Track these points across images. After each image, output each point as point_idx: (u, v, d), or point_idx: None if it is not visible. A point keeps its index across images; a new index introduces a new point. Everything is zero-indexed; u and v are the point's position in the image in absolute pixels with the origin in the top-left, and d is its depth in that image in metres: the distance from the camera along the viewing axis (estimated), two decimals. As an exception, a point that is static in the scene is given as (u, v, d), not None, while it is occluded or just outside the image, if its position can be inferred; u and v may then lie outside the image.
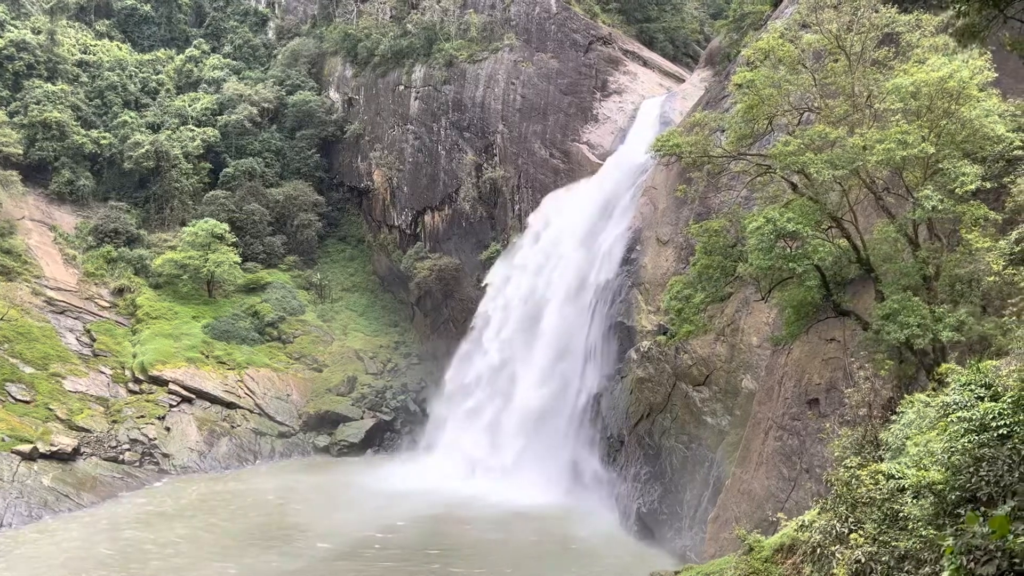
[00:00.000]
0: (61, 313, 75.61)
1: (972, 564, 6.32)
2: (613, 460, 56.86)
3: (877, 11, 29.79)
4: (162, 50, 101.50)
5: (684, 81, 78.15)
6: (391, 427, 78.50)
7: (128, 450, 65.88)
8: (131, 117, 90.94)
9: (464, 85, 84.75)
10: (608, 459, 57.54)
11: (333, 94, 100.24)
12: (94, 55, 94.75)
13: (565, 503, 57.59)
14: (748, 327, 45.63)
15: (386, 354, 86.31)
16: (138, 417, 68.71)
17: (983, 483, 12.46)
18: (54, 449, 60.81)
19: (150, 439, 67.40)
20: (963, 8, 13.27)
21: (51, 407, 65.19)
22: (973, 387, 15.92)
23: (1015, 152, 27.10)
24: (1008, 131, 26.48)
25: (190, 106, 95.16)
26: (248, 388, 76.01)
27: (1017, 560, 6.14)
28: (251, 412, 74.42)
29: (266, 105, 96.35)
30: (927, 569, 13.56)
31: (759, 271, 28.47)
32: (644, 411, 53.00)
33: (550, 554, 49.42)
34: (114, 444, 65.59)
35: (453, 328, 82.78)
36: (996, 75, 26.68)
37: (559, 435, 61.21)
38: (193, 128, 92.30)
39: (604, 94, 77.41)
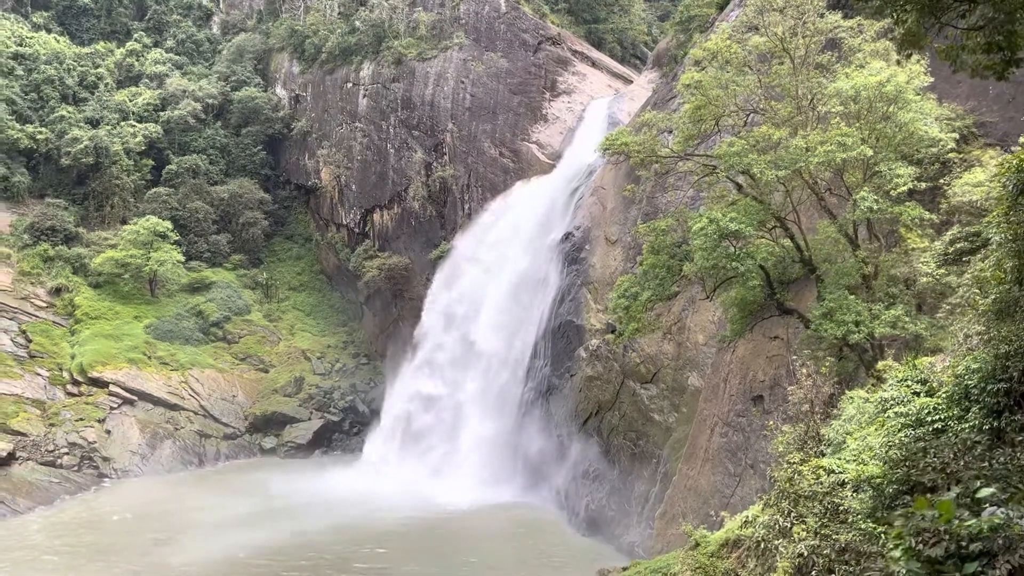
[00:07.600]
0: (-6, 313, 73.23)
1: (921, 545, 6.44)
2: (562, 458, 57.12)
3: (822, 15, 30.41)
4: (102, 43, 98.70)
5: (632, 82, 78.84)
6: (340, 428, 77.68)
7: (66, 454, 64.04)
8: (69, 112, 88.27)
9: (413, 83, 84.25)
10: (557, 457, 57.77)
11: (280, 91, 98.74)
12: (30, 48, 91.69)
13: (512, 502, 57.60)
14: (694, 325, 46.25)
15: (334, 354, 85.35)
16: (77, 420, 66.83)
17: (930, 469, 12.74)
18: (-13, 454, 58.98)
19: (89, 442, 65.58)
20: (902, 16, 13.51)
21: (-16, 411, 63.15)
22: (909, 383, 16.36)
23: (949, 154, 27.90)
24: (943, 134, 27.21)
25: (131, 101, 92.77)
26: (192, 389, 74.47)
27: (963, 543, 6.32)
28: (195, 414, 72.94)
29: (210, 101, 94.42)
30: (867, 560, 13.88)
31: (703, 270, 28.83)
32: (593, 409, 53.36)
33: (496, 552, 49.39)
34: (51, 448, 63.69)
35: (403, 327, 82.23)
36: (932, 80, 27.41)
37: (507, 434, 61.22)
38: (134, 124, 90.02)
39: (553, 94, 77.69)
